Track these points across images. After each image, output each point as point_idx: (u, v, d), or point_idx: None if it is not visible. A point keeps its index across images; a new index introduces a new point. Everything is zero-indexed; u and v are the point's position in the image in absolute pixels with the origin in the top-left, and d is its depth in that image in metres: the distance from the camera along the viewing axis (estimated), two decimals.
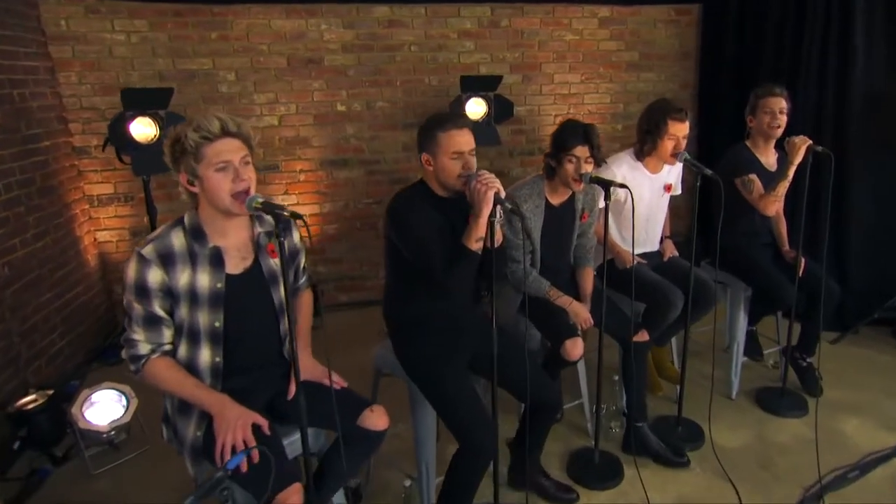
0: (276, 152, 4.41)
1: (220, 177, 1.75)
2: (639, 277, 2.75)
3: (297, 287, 2.16)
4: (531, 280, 2.64)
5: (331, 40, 4.29)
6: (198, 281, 1.83)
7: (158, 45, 4.06)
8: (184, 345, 1.86)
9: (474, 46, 4.50)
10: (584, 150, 2.46)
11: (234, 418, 1.76)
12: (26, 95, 3.67)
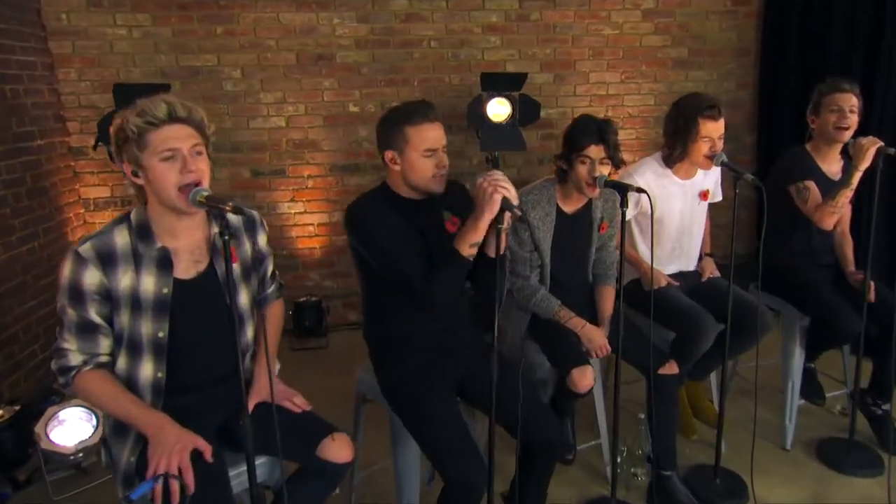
0: (283, 156, 4.26)
1: (166, 167, 1.61)
2: (666, 300, 2.53)
3: (264, 297, 1.99)
4: (538, 298, 2.44)
5: (343, 35, 4.13)
6: (141, 285, 1.69)
7: (161, 40, 3.97)
8: (123, 356, 1.72)
9: (500, 42, 4.27)
10: (599, 149, 2.25)
11: (171, 441, 1.61)
12: (20, 92, 3.61)
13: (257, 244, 1.93)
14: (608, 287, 2.56)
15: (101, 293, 1.66)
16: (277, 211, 4.31)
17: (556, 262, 2.45)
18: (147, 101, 1.63)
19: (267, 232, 1.99)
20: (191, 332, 1.74)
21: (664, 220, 2.63)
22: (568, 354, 2.37)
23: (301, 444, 1.79)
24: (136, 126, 1.60)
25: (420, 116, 1.95)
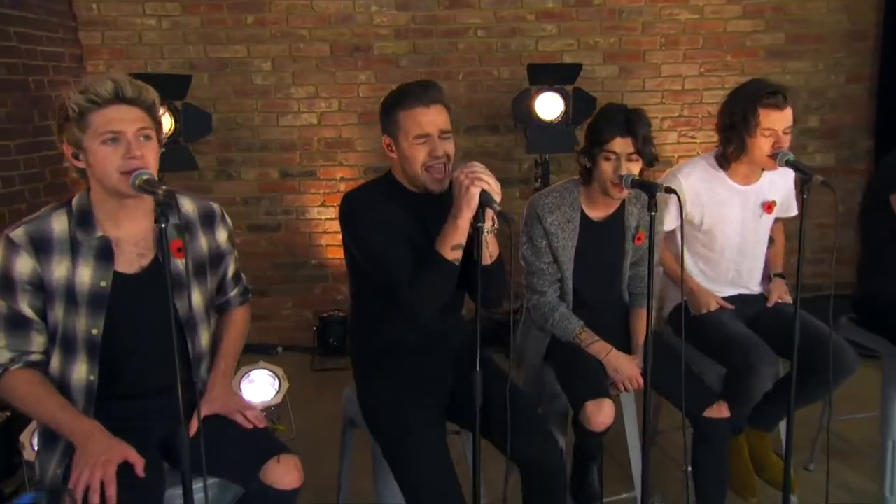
0: (314, 156, 4.10)
1: (108, 151, 1.57)
2: (716, 328, 2.31)
3: (225, 301, 1.93)
4: (557, 317, 2.23)
5: (381, 24, 3.97)
6: (77, 276, 1.64)
7: (190, 30, 3.94)
8: (57, 355, 1.67)
9: (557, 30, 3.97)
10: (626, 143, 2.05)
11: (97, 451, 1.54)
12: (44, 83, 3.63)
13: (216, 240, 1.84)
14: (642, 310, 2.29)
15: (34, 283, 1.62)
16: (307, 216, 4.16)
17: (580, 277, 2.24)
18: (93, 78, 1.61)
19: (229, 227, 1.90)
20: (130, 333, 1.68)
21: (715, 231, 2.37)
22: (584, 384, 2.13)
23: (244, 464, 1.67)
24: (77, 104, 1.56)
25: (414, 98, 1.81)
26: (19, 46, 3.45)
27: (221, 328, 1.92)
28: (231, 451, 1.67)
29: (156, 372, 1.70)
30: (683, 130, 4.10)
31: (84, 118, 1.56)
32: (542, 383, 2.28)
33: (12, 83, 3.39)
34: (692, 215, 2.36)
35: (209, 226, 1.84)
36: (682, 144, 4.10)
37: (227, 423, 1.74)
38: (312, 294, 4.22)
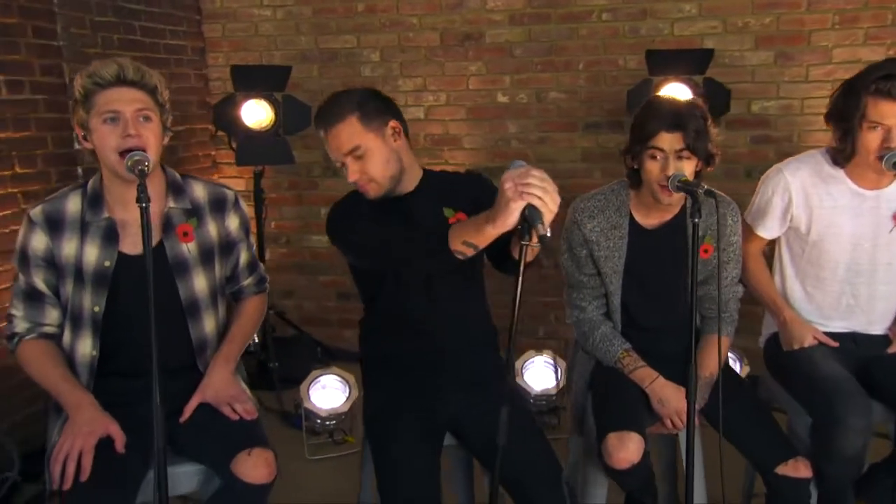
0: (420, 153, 4.01)
1: (108, 129, 1.75)
2: (804, 367, 2.15)
3: (238, 289, 2.09)
4: (598, 337, 2.16)
5: (495, 9, 3.88)
6: (84, 255, 1.83)
7: (302, 20, 4.10)
8: (67, 330, 1.88)
9: (697, 10, 3.63)
10: (675, 138, 1.94)
11: (82, 423, 1.72)
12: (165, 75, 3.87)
13: (226, 227, 1.99)
14: (713, 336, 2.14)
15: (47, 259, 1.83)
16: None
17: (631, 294, 2.15)
18: (100, 62, 1.78)
19: (243, 215, 2.04)
20: (130, 313, 1.81)
21: (826, 244, 2.16)
22: (613, 414, 2.04)
23: (218, 454, 1.78)
24: (83, 87, 1.74)
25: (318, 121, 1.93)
26: (143, 40, 3.80)
27: (233, 315, 2.07)
28: (210, 440, 1.80)
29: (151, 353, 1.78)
30: None
31: (89, 99, 1.74)
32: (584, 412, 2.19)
33: None
34: (798, 221, 2.16)
35: (219, 212, 1.97)
36: None
37: (216, 412, 1.84)
38: None
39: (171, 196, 1.92)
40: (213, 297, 2.00)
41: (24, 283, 1.86)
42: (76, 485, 1.65)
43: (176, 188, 1.94)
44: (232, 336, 2.03)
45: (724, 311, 2.18)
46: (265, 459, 1.80)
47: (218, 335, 2.03)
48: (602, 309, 2.20)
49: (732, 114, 3.58)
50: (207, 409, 1.87)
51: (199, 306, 1.96)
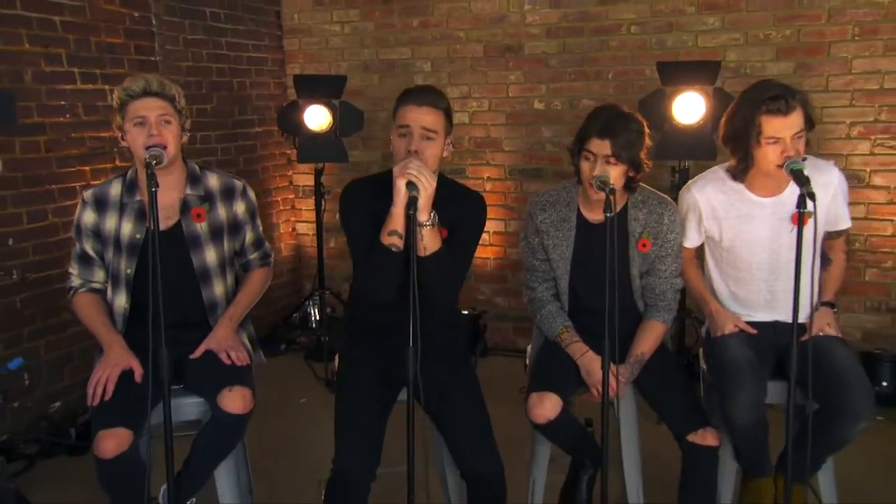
0: (464, 155, 4.60)
1: (137, 131, 2.20)
2: (719, 350, 2.40)
3: (246, 262, 2.52)
4: (544, 314, 2.48)
5: (534, 23, 4.32)
6: (122, 229, 2.32)
7: (366, 34, 4.73)
8: (109, 288, 2.38)
9: (720, 23, 3.91)
10: (603, 144, 2.22)
11: (112, 358, 2.22)
12: (246, 84, 4.74)
13: (233, 211, 2.42)
14: (654, 322, 2.44)
15: (94, 231, 2.32)
16: None
17: (579, 280, 2.43)
18: (131, 78, 2.25)
19: (249, 201, 2.47)
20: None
21: (739, 249, 2.42)
22: (540, 378, 2.34)
23: (209, 388, 2.21)
24: (118, 98, 2.23)
25: (410, 96, 2.18)
26: (228, 54, 4.57)
27: (241, 283, 2.51)
28: (207, 378, 2.23)
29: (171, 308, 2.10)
30: (880, 139, 3.71)
31: (123, 108, 2.22)
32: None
33: (219, 84, 4.51)
34: (711, 231, 2.44)
35: (228, 198, 2.42)
36: (877, 157, 3.73)
37: (214, 355, 2.29)
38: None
39: (189, 184, 2.36)
40: (222, 267, 2.41)
41: (78, 249, 2.36)
42: (101, 402, 2.13)
43: (193, 178, 2.38)
44: (238, 300, 2.45)
45: (663, 300, 2.45)
46: (242, 395, 2.18)
47: (226, 299, 2.43)
48: (551, 290, 2.50)
49: None
50: (211, 355, 2.29)
51: (210, 274, 2.38)
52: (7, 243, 3.31)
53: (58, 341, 3.51)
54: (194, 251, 2.36)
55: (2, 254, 3.29)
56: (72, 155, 3.59)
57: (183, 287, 2.34)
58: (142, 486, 2.10)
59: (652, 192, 2.46)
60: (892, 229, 3.75)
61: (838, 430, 2.19)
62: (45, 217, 3.47)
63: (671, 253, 2.41)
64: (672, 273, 2.44)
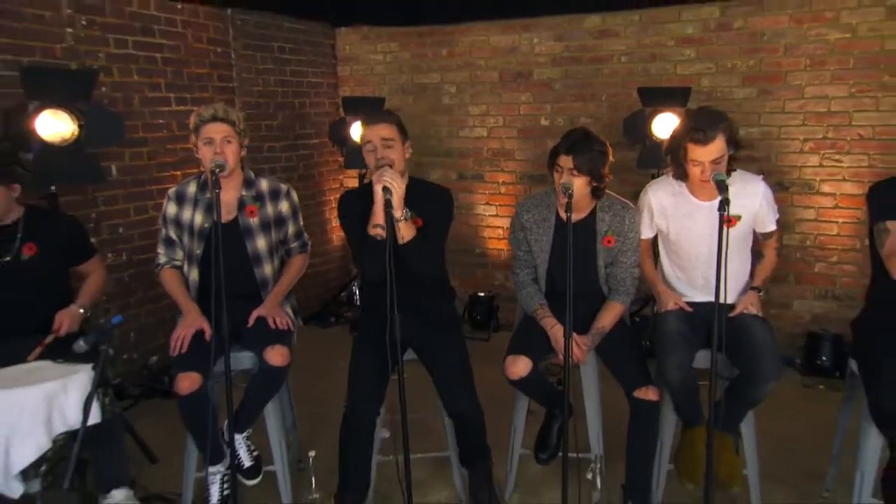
0: (483, 163, 4.93)
1: (206, 148, 2.51)
2: (660, 324, 2.55)
3: (288, 250, 2.78)
4: (524, 294, 2.67)
5: (541, 53, 4.59)
6: (195, 219, 2.62)
7: (403, 62, 5.09)
8: (186, 264, 2.68)
9: (695, 54, 4.12)
10: (568, 160, 2.42)
11: (188, 320, 2.53)
12: (305, 104, 5.17)
13: (278, 209, 2.69)
14: (613, 302, 2.61)
15: (174, 221, 2.64)
16: (474, 212, 5.02)
17: (556, 268, 2.62)
18: (203, 107, 2.55)
19: (292, 201, 2.73)
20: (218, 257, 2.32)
21: (682, 242, 2.58)
22: (517, 343, 2.56)
23: (258, 345, 2.50)
24: (194, 122, 2.53)
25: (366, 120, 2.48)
26: (291, 79, 5.01)
27: (285, 266, 2.76)
28: (257, 338, 2.51)
29: (231, 283, 2.30)
30: (827, 153, 3.88)
31: (198, 129, 2.50)
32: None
33: (284, 104, 4.96)
34: (660, 226, 2.63)
35: (275, 199, 2.68)
36: (825, 168, 3.90)
37: (263, 320, 2.57)
38: (474, 277, 5.03)
39: (245, 187, 2.63)
40: (270, 253, 2.66)
41: (164, 233, 2.66)
42: (180, 353, 2.43)
43: (248, 182, 2.64)
44: (282, 279, 2.69)
45: (623, 285, 2.59)
46: (282, 352, 2.44)
47: (274, 277, 2.67)
48: (531, 275, 2.68)
49: None
50: (261, 320, 2.55)
51: (261, 258, 2.63)
52: (118, 231, 3.82)
53: (155, 309, 4.00)
54: (248, 239, 2.62)
55: (114, 239, 3.80)
56: (167, 162, 4.05)
57: (239, 267, 2.58)
58: (211, 419, 2.36)
59: (617, 198, 2.62)
60: (837, 229, 3.90)
61: (753, 390, 2.35)
62: (146, 211, 3.94)
63: (631, 248, 2.58)
64: (631, 264, 2.61)
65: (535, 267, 2.67)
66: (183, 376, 2.38)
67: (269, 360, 2.47)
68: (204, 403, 2.40)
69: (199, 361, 2.39)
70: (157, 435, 3.16)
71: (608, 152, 2.48)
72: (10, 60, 3.23)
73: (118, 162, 3.76)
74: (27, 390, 2.05)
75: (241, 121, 2.57)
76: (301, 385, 3.07)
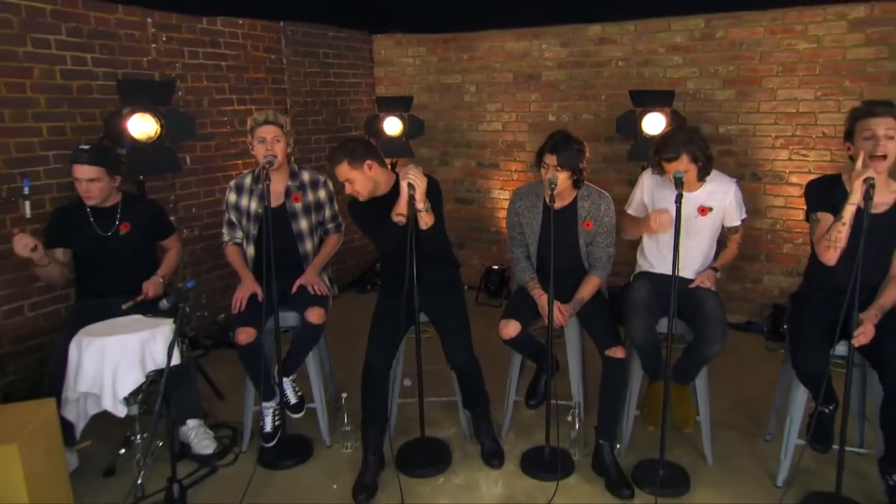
0: (498, 153, 5.13)
1: (259, 147, 2.77)
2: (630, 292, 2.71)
3: (325, 230, 3.04)
4: (518, 268, 2.85)
5: (549, 58, 4.72)
6: (251, 205, 2.89)
7: (431, 65, 5.27)
8: (244, 242, 2.95)
9: (682, 60, 4.21)
10: (552, 158, 2.57)
11: (246, 286, 2.81)
12: (346, 101, 5.42)
13: (317, 196, 2.95)
14: (591, 276, 2.77)
15: (234, 206, 2.91)
16: (490, 195, 5.23)
17: (543, 247, 2.76)
18: (257, 112, 2.80)
19: (329, 190, 2.98)
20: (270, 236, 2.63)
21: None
22: (510, 309, 2.75)
23: (300, 307, 2.77)
24: (250, 125, 2.80)
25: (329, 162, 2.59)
26: (334, 80, 5.23)
27: (322, 243, 3.01)
28: (300, 301, 2.77)
29: (280, 257, 2.65)
30: (795, 149, 3.97)
31: (253, 131, 2.75)
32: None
33: (328, 102, 5.20)
34: (647, 203, 2.79)
35: (315, 188, 2.94)
36: (793, 161, 3.99)
37: (304, 288, 2.82)
38: (490, 252, 5.25)
39: (290, 178, 2.87)
40: (311, 232, 2.90)
41: (226, 217, 2.92)
42: (239, 311, 2.68)
43: (293, 174, 2.88)
44: (320, 254, 2.94)
45: (600, 262, 2.75)
46: (319, 312, 2.70)
47: (314, 252, 2.91)
48: (525, 253, 2.83)
49: (704, 134, 4.08)
50: (303, 287, 2.79)
51: (304, 237, 2.89)
52: (192, 211, 4.16)
53: (221, 275, 4.34)
54: (293, 221, 2.88)
55: (188, 217, 4.14)
56: (230, 153, 4.35)
57: (286, 244, 2.84)
58: (264, 365, 2.62)
59: (595, 188, 2.76)
60: (803, 215, 3.81)
61: (703, 350, 2.53)
62: (214, 194, 4.26)
63: (606, 230, 2.74)
64: (607, 244, 2.76)
65: (528, 245, 2.83)
66: (241, 330, 2.64)
67: (309, 318, 2.72)
68: (258, 352, 2.65)
69: (254, 319, 2.65)
70: (224, 378, 3.49)
71: (585, 150, 2.63)
72: (108, 72, 3.55)
73: (191, 153, 4.06)
74: (128, 337, 2.41)
75: (287, 124, 2.83)
76: (339, 341, 3.34)
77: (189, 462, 2.76)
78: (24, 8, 3.17)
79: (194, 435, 2.80)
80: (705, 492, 2.56)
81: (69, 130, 3.38)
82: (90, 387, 2.35)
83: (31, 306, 3.30)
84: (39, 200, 3.21)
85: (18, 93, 3.17)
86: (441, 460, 2.79)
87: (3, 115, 3.12)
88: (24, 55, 3.18)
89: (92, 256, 2.88)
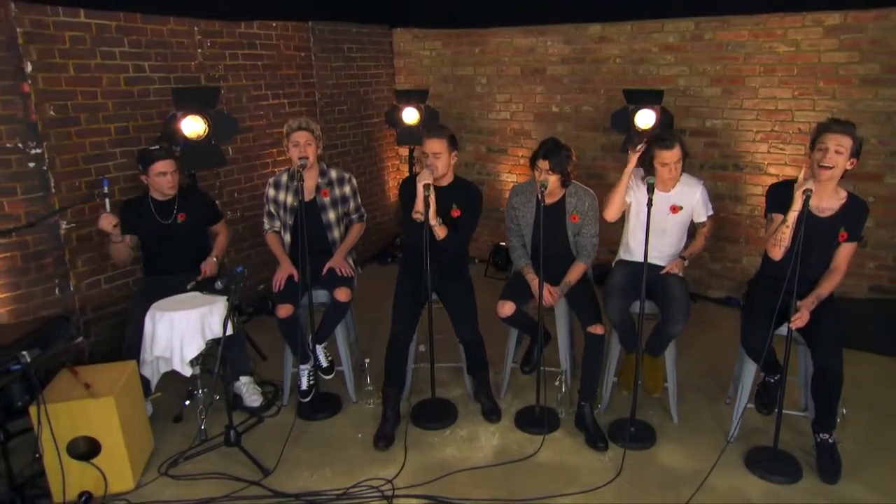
0: (506, 140, 5.37)
1: (294, 150, 3.05)
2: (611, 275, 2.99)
3: (350, 220, 3.32)
4: (515, 255, 3.12)
5: (553, 54, 4.91)
6: (287, 200, 3.19)
7: (445, 58, 5.48)
8: (282, 230, 3.25)
9: (674, 59, 4.38)
10: (545, 163, 2.82)
11: (284, 268, 3.11)
12: (369, 91, 5.66)
13: (343, 190, 3.24)
14: (578, 263, 3.02)
15: (273, 200, 3.20)
16: (500, 178, 5.50)
17: (536, 237, 2.95)
18: (292, 118, 3.07)
19: (353, 185, 3.25)
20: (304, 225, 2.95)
21: (640, 216, 2.94)
22: (507, 291, 3.01)
23: (331, 286, 3.07)
24: (286, 131, 3.07)
25: (427, 133, 2.92)
26: (358, 72, 5.46)
27: (348, 231, 3.29)
28: (328, 281, 3.05)
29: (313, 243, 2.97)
30: (774, 143, 4.15)
31: (288, 135, 3.03)
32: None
33: (352, 93, 5.45)
34: (631, 199, 2.99)
35: (341, 184, 3.23)
36: (771, 154, 4.17)
37: (332, 270, 3.12)
38: (498, 229, 5.45)
39: (320, 176, 3.13)
40: (338, 222, 3.17)
41: (266, 209, 3.18)
42: (279, 290, 2.96)
43: (322, 172, 3.13)
44: (346, 241, 3.20)
45: (586, 250, 2.98)
46: (346, 291, 2.98)
47: (340, 239, 3.17)
48: (521, 241, 3.07)
49: (692, 127, 4.31)
50: (332, 269, 3.06)
51: (332, 226, 3.16)
52: (234, 195, 4.49)
53: (260, 251, 4.68)
54: (323, 213, 3.16)
55: (232, 201, 4.48)
56: (266, 143, 4.65)
57: (317, 232, 3.11)
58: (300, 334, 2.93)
59: (581, 186, 2.98)
60: None
61: (669, 328, 2.81)
62: (252, 180, 4.59)
63: (591, 223, 2.97)
64: (592, 234, 2.99)
65: (523, 235, 3.08)
66: (281, 306, 2.98)
67: (337, 296, 3.03)
68: (295, 324, 2.99)
69: (291, 296, 2.97)
70: (265, 341, 3.86)
71: (573, 155, 2.87)
72: (163, 77, 3.88)
73: (233, 145, 4.38)
74: (191, 312, 2.82)
75: (318, 129, 3.12)
76: (363, 310, 3.65)
77: (240, 413, 3.19)
78: (94, 26, 3.50)
79: (245, 389, 3.23)
80: (668, 445, 2.92)
81: (132, 130, 3.74)
82: (162, 351, 2.77)
83: (107, 279, 3.72)
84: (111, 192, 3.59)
85: (91, 99, 3.53)
86: (448, 416, 3.14)
87: (79, 119, 3.49)
88: (94, 67, 3.52)
89: (157, 241, 3.27)
